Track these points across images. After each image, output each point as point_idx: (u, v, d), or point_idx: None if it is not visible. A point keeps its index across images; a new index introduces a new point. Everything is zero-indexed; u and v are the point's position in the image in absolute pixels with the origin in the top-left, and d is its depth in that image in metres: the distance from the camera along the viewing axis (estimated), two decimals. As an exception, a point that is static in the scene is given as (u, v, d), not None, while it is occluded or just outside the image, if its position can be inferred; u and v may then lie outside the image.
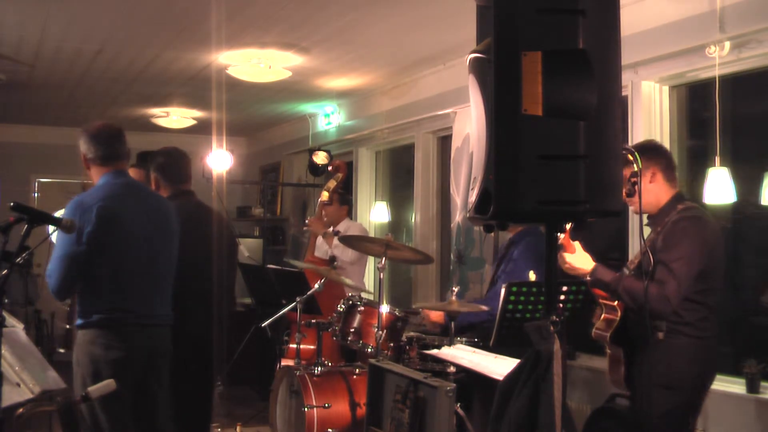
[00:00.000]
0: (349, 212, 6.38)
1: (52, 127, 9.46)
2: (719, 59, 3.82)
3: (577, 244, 3.09)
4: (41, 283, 8.59)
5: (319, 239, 6.21)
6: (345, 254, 5.75)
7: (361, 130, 7.43)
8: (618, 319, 3.14)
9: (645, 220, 3.32)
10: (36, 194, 9.85)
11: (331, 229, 6.08)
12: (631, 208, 3.37)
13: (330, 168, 6.55)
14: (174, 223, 3.59)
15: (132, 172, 4.35)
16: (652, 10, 4.21)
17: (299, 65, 6.07)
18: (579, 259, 3.09)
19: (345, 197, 6.30)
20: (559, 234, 3.22)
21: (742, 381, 3.81)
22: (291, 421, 4.52)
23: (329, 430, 4.22)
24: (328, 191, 6.16)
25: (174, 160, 4.11)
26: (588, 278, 3.12)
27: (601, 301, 3.21)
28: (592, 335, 3.23)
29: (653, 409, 3.03)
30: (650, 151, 3.23)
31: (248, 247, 8.26)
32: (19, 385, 2.86)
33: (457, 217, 5.80)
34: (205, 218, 4.12)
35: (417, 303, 6.14)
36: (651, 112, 4.35)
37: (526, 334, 2.15)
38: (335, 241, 5.77)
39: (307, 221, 6.12)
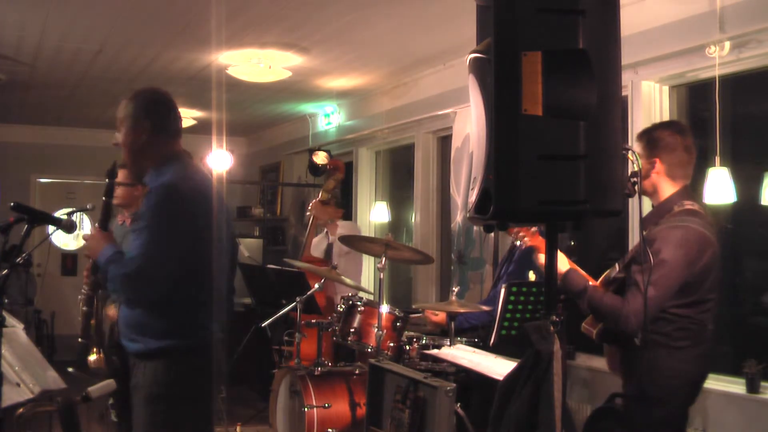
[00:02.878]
0: (344, 216, 6.38)
1: (52, 127, 9.47)
2: (719, 59, 3.82)
3: None
4: (41, 282, 8.62)
5: (316, 239, 6.22)
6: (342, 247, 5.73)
7: (361, 130, 7.43)
8: None
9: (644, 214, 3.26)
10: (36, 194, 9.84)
11: (325, 231, 6.08)
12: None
13: (328, 168, 6.55)
14: None
15: (124, 174, 4.32)
16: (652, 10, 4.21)
17: (299, 65, 6.07)
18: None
19: (341, 201, 6.34)
20: (525, 237, 3.19)
21: (742, 381, 3.80)
22: (291, 421, 4.52)
23: (329, 430, 4.22)
24: (326, 191, 6.16)
25: None
26: (558, 282, 3.05)
27: None
28: (581, 328, 3.18)
29: (636, 420, 2.96)
30: (663, 140, 3.01)
31: (248, 247, 8.27)
32: (19, 385, 2.86)
33: (458, 217, 5.80)
34: None
35: (417, 303, 6.14)
36: (651, 112, 4.35)
37: (526, 334, 2.15)
38: (339, 230, 5.75)
39: (309, 206, 6.12)
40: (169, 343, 2.73)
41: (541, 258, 2.98)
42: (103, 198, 2.97)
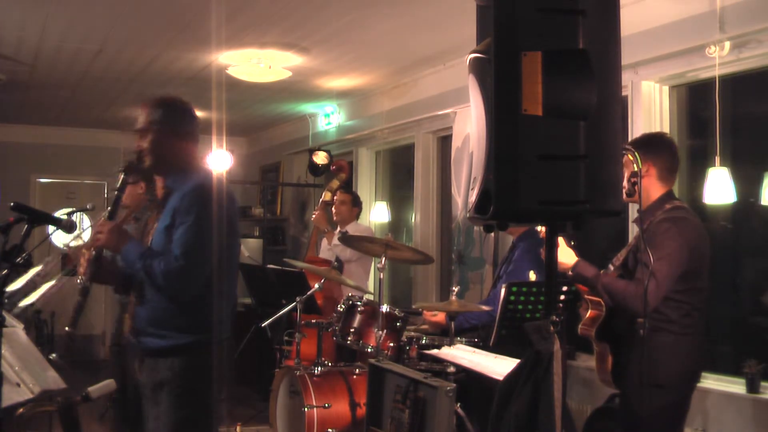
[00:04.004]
0: (358, 215, 6.38)
1: (52, 127, 9.46)
2: (719, 59, 3.82)
3: (560, 240, 3.07)
4: (41, 283, 8.61)
5: (324, 240, 6.22)
6: (344, 253, 5.76)
7: (361, 130, 7.43)
8: (603, 314, 3.15)
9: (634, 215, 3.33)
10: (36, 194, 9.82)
11: (338, 230, 6.09)
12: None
13: (333, 168, 6.55)
14: None
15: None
16: (652, 10, 4.21)
17: (299, 65, 6.07)
18: (561, 253, 3.08)
19: (358, 200, 6.31)
20: (541, 228, 3.24)
21: (742, 381, 3.80)
22: (291, 421, 4.52)
23: (329, 430, 4.22)
24: (330, 191, 6.15)
25: None
26: (570, 273, 3.13)
27: (586, 297, 3.22)
28: (579, 331, 3.23)
29: (642, 407, 3.01)
30: (652, 146, 3.20)
31: (248, 247, 8.27)
32: (19, 385, 2.86)
33: (458, 217, 5.80)
34: None
35: (417, 303, 6.14)
36: (651, 112, 4.35)
37: (526, 334, 2.15)
38: (335, 239, 5.77)
39: (313, 216, 6.13)
40: (196, 338, 2.82)
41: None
42: (115, 191, 3.02)
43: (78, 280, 2.94)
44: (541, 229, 3.23)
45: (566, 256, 3.11)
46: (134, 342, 2.95)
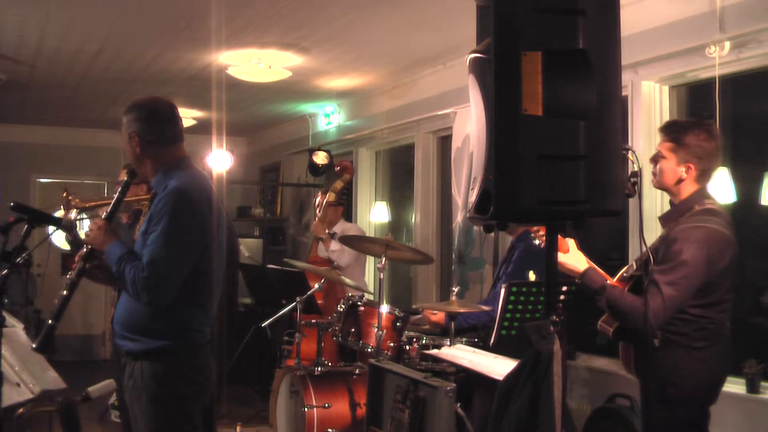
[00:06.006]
0: (344, 213, 6.36)
1: (52, 127, 9.46)
2: (719, 59, 3.82)
3: (571, 243, 2.99)
4: (41, 282, 8.61)
5: (321, 243, 6.21)
6: (342, 258, 5.73)
7: (361, 130, 7.43)
8: None
9: (655, 214, 3.24)
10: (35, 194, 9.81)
11: (327, 231, 6.08)
12: (652, 182, 3.11)
13: (337, 169, 6.56)
14: None
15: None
16: (652, 10, 4.21)
17: (299, 65, 6.08)
18: (572, 258, 2.98)
19: (341, 199, 6.29)
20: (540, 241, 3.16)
21: (742, 381, 3.80)
22: (291, 421, 4.52)
23: (329, 430, 4.22)
24: (334, 192, 6.15)
25: None
26: (577, 280, 3.02)
27: None
28: (598, 327, 3.15)
29: (652, 423, 2.94)
30: (699, 145, 2.97)
31: (248, 247, 8.27)
32: (19, 385, 2.87)
33: (458, 217, 5.80)
34: None
35: (417, 303, 6.14)
36: (651, 112, 4.35)
37: (526, 334, 2.15)
38: (332, 244, 5.77)
39: (311, 227, 6.13)
40: (167, 343, 2.77)
41: (560, 256, 2.90)
42: (117, 193, 2.99)
43: (68, 275, 2.93)
44: (540, 242, 3.12)
45: (576, 261, 2.98)
46: (116, 343, 2.94)
